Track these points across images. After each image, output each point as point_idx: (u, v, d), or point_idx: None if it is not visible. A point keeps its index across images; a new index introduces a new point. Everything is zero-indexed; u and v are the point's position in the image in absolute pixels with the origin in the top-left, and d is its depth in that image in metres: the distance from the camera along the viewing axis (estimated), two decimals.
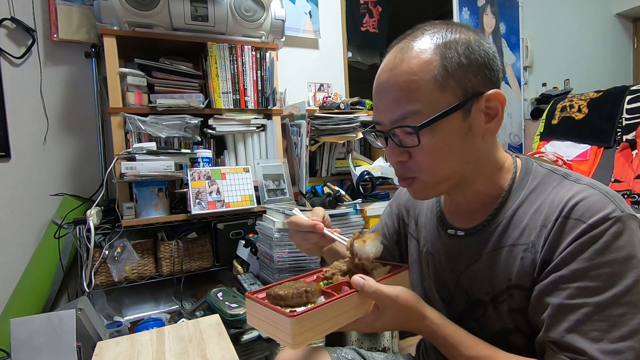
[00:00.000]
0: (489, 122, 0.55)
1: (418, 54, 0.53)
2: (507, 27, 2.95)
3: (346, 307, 0.53)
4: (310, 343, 0.52)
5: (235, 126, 1.70)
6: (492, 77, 0.54)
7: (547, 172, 0.59)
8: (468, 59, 0.52)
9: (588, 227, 0.49)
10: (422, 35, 0.54)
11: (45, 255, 1.58)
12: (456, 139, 0.53)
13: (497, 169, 0.60)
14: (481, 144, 0.56)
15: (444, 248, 0.66)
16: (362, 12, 2.42)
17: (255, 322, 0.55)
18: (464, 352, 0.53)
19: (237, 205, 1.56)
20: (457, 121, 0.53)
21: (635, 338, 0.46)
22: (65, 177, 1.73)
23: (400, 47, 0.55)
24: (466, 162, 0.56)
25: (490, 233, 0.59)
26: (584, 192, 0.52)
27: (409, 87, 0.52)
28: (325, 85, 2.29)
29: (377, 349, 1.54)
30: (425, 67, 0.52)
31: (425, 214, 0.73)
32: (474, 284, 0.60)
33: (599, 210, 0.49)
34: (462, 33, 0.54)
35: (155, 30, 1.55)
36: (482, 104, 0.53)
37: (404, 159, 0.57)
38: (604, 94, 2.30)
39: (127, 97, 1.52)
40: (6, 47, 1.62)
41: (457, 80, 0.52)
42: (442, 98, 0.52)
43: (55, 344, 0.96)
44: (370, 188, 1.83)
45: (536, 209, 0.55)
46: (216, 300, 1.32)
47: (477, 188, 0.60)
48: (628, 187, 1.92)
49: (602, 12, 3.45)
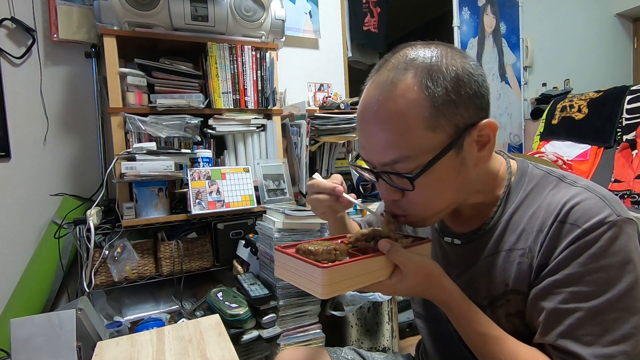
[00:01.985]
0: (481, 150, 0.53)
1: (404, 92, 0.49)
2: (508, 27, 2.95)
3: (372, 268, 0.55)
4: (336, 295, 0.54)
5: (235, 126, 1.70)
6: (482, 104, 0.52)
7: (543, 174, 0.58)
8: (458, 94, 0.49)
9: (583, 232, 0.48)
10: (405, 67, 0.50)
11: (45, 255, 1.58)
12: (450, 175, 0.53)
13: (492, 179, 0.59)
14: (473, 171, 0.55)
15: (442, 253, 0.67)
16: (364, 11, 2.42)
17: (284, 274, 0.57)
18: (476, 327, 0.54)
19: (237, 205, 1.56)
20: (450, 159, 0.51)
21: (627, 342, 0.46)
22: (65, 177, 1.73)
23: (382, 81, 0.51)
24: (459, 193, 0.56)
25: (488, 238, 0.59)
26: (580, 195, 0.51)
27: (398, 131, 0.50)
28: (325, 85, 2.29)
29: (377, 349, 1.54)
30: (414, 107, 0.49)
31: None
32: (471, 288, 0.60)
33: (594, 214, 0.49)
34: (448, 61, 0.50)
35: (155, 30, 1.55)
36: (474, 135, 0.52)
37: (397, 198, 0.56)
38: (604, 94, 2.30)
39: (127, 97, 1.52)
40: (6, 47, 1.62)
41: (448, 118, 0.49)
42: (433, 139, 0.50)
43: (55, 344, 0.96)
44: (371, 188, 1.83)
45: (532, 213, 0.55)
46: (216, 300, 1.32)
47: (473, 201, 0.60)
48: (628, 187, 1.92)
49: (602, 12, 3.45)
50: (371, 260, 0.55)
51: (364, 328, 1.55)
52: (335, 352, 0.81)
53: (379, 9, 2.46)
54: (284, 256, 0.57)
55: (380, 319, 1.56)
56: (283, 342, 1.36)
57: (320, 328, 1.44)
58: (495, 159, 0.60)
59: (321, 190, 0.68)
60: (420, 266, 0.54)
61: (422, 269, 0.54)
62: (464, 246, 0.62)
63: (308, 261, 0.52)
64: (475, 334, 0.54)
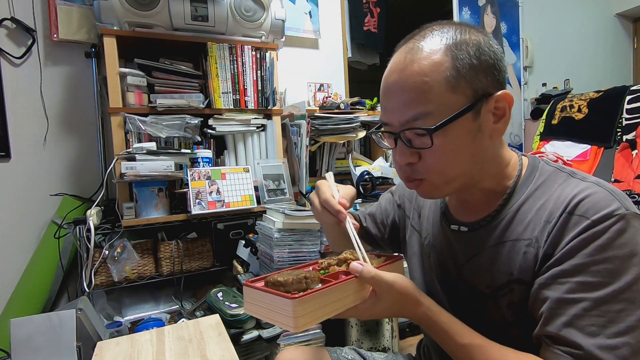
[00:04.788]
0: (497, 122, 0.55)
1: (429, 54, 0.52)
2: (508, 26, 2.95)
3: (345, 293, 0.54)
4: (310, 327, 0.53)
5: (235, 126, 1.70)
6: (500, 78, 0.54)
7: (554, 170, 0.59)
8: (479, 60, 0.52)
9: (591, 223, 0.49)
10: (432, 35, 0.54)
11: (45, 255, 1.58)
12: (466, 139, 0.54)
13: (503, 166, 0.60)
14: (489, 143, 0.56)
15: (446, 241, 0.66)
16: (364, 11, 2.42)
17: (253, 309, 0.55)
18: (457, 339, 0.54)
19: (237, 205, 1.56)
20: (468, 122, 0.53)
21: (632, 334, 0.46)
22: (65, 177, 1.73)
23: (409, 47, 0.55)
24: (474, 163, 0.56)
25: (494, 227, 0.59)
26: (590, 189, 0.52)
27: (420, 88, 0.52)
28: (325, 85, 2.29)
29: (377, 349, 1.54)
30: (437, 68, 0.51)
31: (429, 206, 0.73)
32: (475, 276, 0.61)
33: (603, 207, 0.49)
34: (471, 34, 0.54)
35: (155, 30, 1.55)
36: (491, 105, 0.54)
37: (414, 161, 0.56)
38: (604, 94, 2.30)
39: (127, 97, 1.52)
40: (6, 47, 1.62)
41: (468, 82, 0.52)
42: (453, 99, 0.52)
43: (55, 344, 0.96)
44: (371, 188, 1.83)
45: (541, 205, 0.55)
46: (216, 300, 1.32)
47: (483, 185, 0.60)
48: (628, 187, 1.92)
49: (602, 12, 3.44)
50: (344, 285, 0.53)
51: (364, 328, 1.55)
52: (335, 352, 0.80)
53: (379, 9, 2.46)
54: (253, 291, 0.54)
55: (380, 319, 1.56)
56: (283, 342, 1.36)
57: (320, 328, 1.44)
58: (508, 150, 0.61)
59: (327, 207, 0.67)
60: (393, 285, 0.54)
61: (396, 287, 0.54)
62: (470, 234, 0.62)
63: (277, 293, 0.50)
64: (457, 346, 0.54)
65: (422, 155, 0.55)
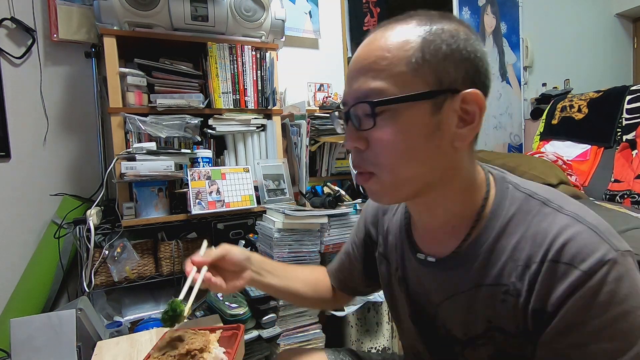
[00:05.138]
0: (462, 127, 0.48)
1: (399, 32, 0.48)
2: (508, 26, 2.95)
3: None
4: None
5: (235, 126, 1.70)
6: (476, 79, 0.49)
7: (525, 197, 0.52)
8: (450, 48, 0.47)
9: (584, 276, 0.43)
10: (411, 18, 0.50)
11: (45, 255, 1.58)
12: (420, 135, 0.47)
13: (469, 184, 0.53)
14: (450, 150, 0.49)
15: (416, 275, 0.61)
16: (364, 11, 2.42)
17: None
18: None
19: (237, 205, 1.56)
20: (424, 114, 0.47)
21: None
22: (65, 177, 1.73)
23: (384, 24, 0.51)
24: (431, 168, 0.50)
25: (468, 268, 0.53)
26: (571, 228, 0.46)
27: (379, 63, 0.47)
28: (325, 85, 2.28)
29: (377, 349, 1.54)
30: (402, 46, 0.47)
31: (394, 233, 0.67)
32: (451, 320, 0.56)
33: (591, 252, 0.44)
34: (453, 24, 0.49)
35: (155, 30, 1.55)
36: (456, 104, 0.47)
37: (360, 146, 0.51)
38: (604, 94, 2.30)
39: (127, 97, 1.52)
40: (6, 47, 1.62)
41: (433, 68, 0.46)
42: (411, 82, 0.46)
43: (55, 344, 0.96)
44: None
45: (516, 244, 0.50)
46: (216, 300, 1.32)
47: (447, 205, 0.54)
48: (628, 187, 1.91)
49: (602, 12, 3.44)
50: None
51: (363, 328, 1.55)
52: (332, 353, 0.80)
53: (379, 9, 2.46)
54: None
55: (380, 319, 1.56)
56: (283, 342, 1.36)
57: (320, 328, 1.44)
58: (477, 166, 0.55)
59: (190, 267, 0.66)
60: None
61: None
62: (441, 272, 0.56)
63: None
64: None
65: (371, 142, 0.49)
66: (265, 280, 0.75)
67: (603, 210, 1.64)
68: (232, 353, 0.59)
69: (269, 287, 0.77)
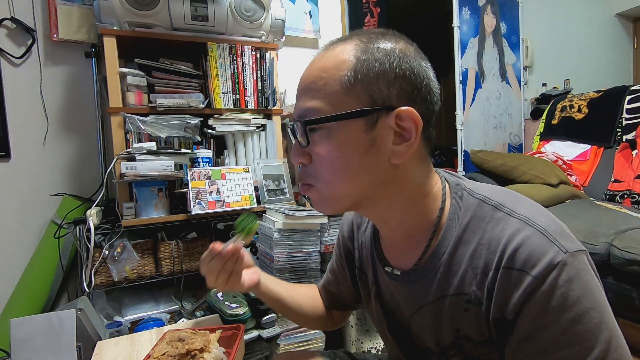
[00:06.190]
0: (400, 143, 0.49)
1: (338, 53, 0.50)
2: (508, 26, 2.95)
3: None
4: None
5: (235, 126, 1.70)
6: (414, 96, 0.49)
7: (478, 202, 0.52)
8: (382, 67, 0.48)
9: (535, 281, 0.44)
10: (352, 38, 0.51)
11: (45, 255, 1.58)
12: (355, 151, 0.49)
13: (422, 197, 0.54)
14: (388, 166, 0.50)
15: (388, 288, 0.62)
16: (364, 11, 2.42)
17: None
18: None
19: (237, 205, 1.56)
20: (358, 131, 0.48)
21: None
22: (65, 177, 1.73)
23: (328, 44, 0.53)
24: (369, 183, 0.51)
25: (431, 280, 0.54)
26: (521, 233, 0.46)
27: (316, 83, 0.50)
28: None
29: (377, 348, 1.54)
30: (338, 66, 0.49)
31: (367, 247, 0.68)
32: (423, 331, 0.57)
33: (539, 256, 0.44)
34: (390, 43, 0.50)
35: (155, 30, 1.55)
36: (391, 121, 0.48)
37: (304, 161, 0.53)
38: (604, 94, 2.30)
39: (127, 97, 1.52)
40: (6, 47, 1.62)
41: (365, 87, 0.48)
42: (345, 101, 0.48)
43: (55, 344, 0.96)
44: None
45: (473, 252, 0.50)
46: (216, 300, 1.32)
47: (400, 217, 0.55)
48: (628, 187, 1.92)
49: (602, 12, 3.45)
50: None
51: (363, 328, 1.55)
52: (329, 355, 0.80)
53: (379, 9, 2.46)
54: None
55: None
56: (283, 342, 1.36)
57: None
58: (432, 177, 0.55)
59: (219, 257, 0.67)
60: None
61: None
62: (407, 285, 0.57)
63: None
64: None
65: (313, 157, 0.52)
66: (272, 286, 0.77)
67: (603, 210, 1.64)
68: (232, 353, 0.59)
69: (274, 295, 0.77)
